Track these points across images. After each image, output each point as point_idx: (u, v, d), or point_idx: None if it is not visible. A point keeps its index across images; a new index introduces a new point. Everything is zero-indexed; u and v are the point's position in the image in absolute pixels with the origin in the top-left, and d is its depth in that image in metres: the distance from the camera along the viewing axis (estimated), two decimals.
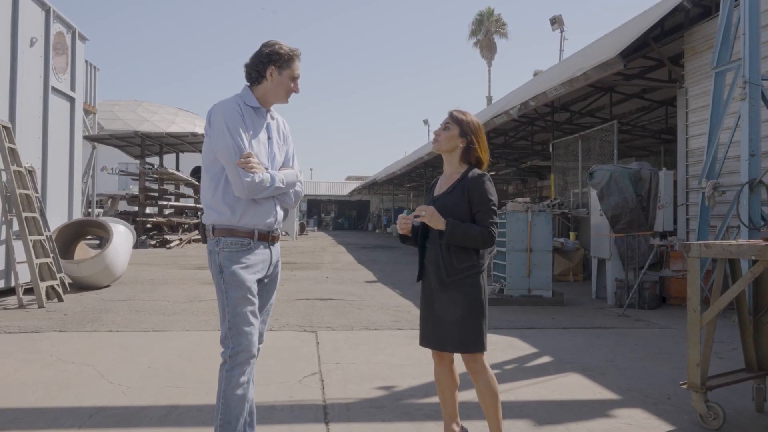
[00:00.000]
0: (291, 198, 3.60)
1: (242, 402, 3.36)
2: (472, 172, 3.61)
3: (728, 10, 9.38)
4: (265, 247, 3.51)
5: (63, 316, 8.60)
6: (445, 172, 3.78)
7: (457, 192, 3.58)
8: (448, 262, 3.52)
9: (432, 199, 3.72)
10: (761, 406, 4.67)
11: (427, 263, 3.67)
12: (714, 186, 9.46)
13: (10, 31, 10.37)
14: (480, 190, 3.53)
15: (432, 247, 3.63)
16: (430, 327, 3.61)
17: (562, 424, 4.37)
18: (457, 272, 3.52)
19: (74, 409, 4.55)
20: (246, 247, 3.43)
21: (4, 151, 9.65)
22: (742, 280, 4.28)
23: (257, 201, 3.44)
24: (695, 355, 4.30)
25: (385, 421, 4.40)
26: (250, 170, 3.32)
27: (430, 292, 3.63)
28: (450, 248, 3.53)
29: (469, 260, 3.54)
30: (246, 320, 3.38)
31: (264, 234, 3.49)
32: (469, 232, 3.46)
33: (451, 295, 3.51)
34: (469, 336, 3.49)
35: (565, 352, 6.75)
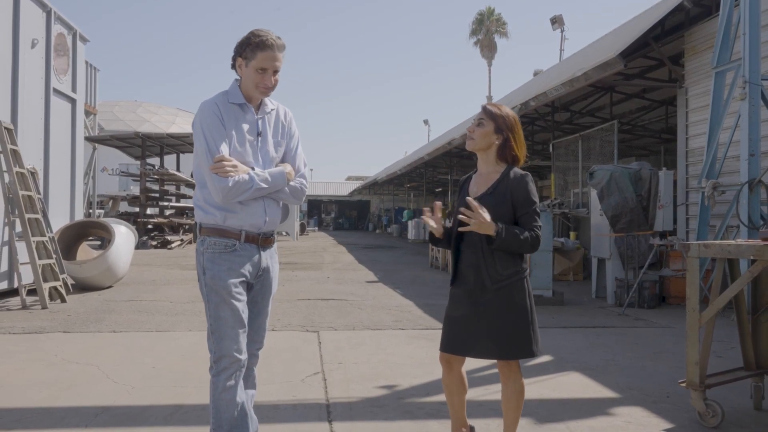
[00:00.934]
0: (288, 195, 3.43)
1: (231, 406, 3.30)
2: (514, 172, 3.46)
3: (728, 10, 9.42)
4: (253, 249, 3.37)
5: (66, 316, 8.64)
6: (480, 170, 3.60)
7: (499, 193, 3.42)
8: (492, 268, 3.37)
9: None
10: (759, 404, 4.71)
11: (464, 267, 3.48)
12: (714, 186, 9.50)
13: (11, 33, 10.42)
14: (524, 192, 3.40)
15: (471, 250, 3.45)
16: (465, 334, 3.43)
17: (563, 422, 4.41)
18: (502, 279, 3.37)
19: (80, 409, 4.59)
20: (230, 249, 3.31)
21: (6, 153, 9.70)
22: (741, 280, 4.33)
23: (244, 201, 3.30)
24: (694, 354, 4.34)
25: (388, 420, 4.44)
26: (224, 175, 3.17)
27: (468, 297, 3.44)
28: (494, 253, 3.37)
29: (514, 266, 3.41)
30: (227, 324, 3.28)
31: (252, 236, 3.35)
32: (518, 237, 3.31)
33: (495, 301, 3.37)
34: (516, 342, 3.36)
35: (565, 351, 6.80)
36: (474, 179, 3.62)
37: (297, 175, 3.49)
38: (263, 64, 3.25)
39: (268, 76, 3.28)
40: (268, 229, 3.42)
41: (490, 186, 3.48)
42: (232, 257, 3.30)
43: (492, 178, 3.50)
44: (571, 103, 18.59)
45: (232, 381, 3.30)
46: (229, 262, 3.29)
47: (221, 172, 3.16)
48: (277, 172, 3.36)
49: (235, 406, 3.32)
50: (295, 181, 3.46)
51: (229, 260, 3.29)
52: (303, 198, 3.56)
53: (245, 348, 3.35)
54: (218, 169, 3.16)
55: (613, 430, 4.30)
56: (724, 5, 9.45)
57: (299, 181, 3.49)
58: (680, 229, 12.26)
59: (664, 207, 10.50)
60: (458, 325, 3.47)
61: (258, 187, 3.26)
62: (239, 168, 3.23)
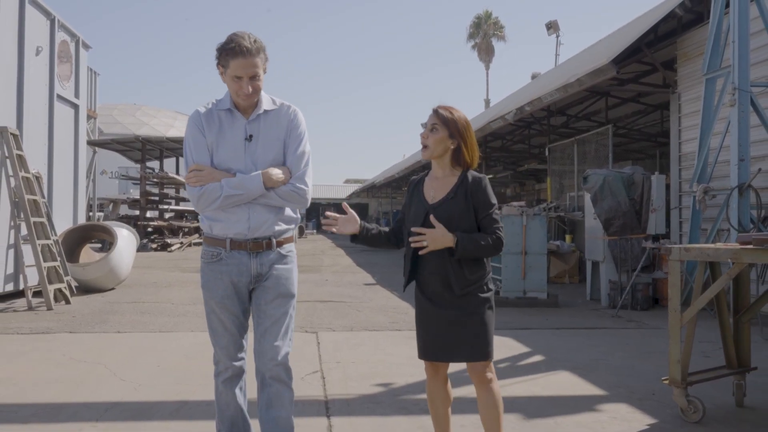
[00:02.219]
0: (278, 199, 3.32)
1: (229, 407, 3.41)
2: (472, 176, 3.44)
3: (718, 18, 9.64)
4: (243, 256, 3.33)
5: (71, 317, 8.85)
6: (434, 174, 3.54)
7: (460, 198, 3.39)
8: (459, 275, 3.34)
9: (427, 206, 3.43)
10: (741, 401, 4.92)
11: (427, 274, 3.43)
12: (705, 190, 9.71)
13: (17, 41, 10.64)
14: (483, 195, 3.39)
15: (433, 256, 3.37)
16: (436, 339, 3.40)
17: (551, 418, 4.63)
18: (470, 284, 3.36)
19: (91, 404, 4.80)
20: (216, 258, 3.34)
21: (12, 158, 9.91)
22: (719, 282, 4.54)
23: (226, 210, 3.29)
24: (676, 352, 4.56)
25: (384, 416, 4.65)
26: (194, 184, 3.24)
27: (433, 303, 3.40)
28: (462, 261, 3.34)
29: (480, 269, 3.40)
30: (216, 333, 3.38)
31: (239, 243, 3.32)
32: (479, 242, 3.30)
33: (463, 305, 3.34)
34: (483, 344, 3.35)
35: (557, 351, 7.01)
36: (428, 183, 3.55)
37: (293, 178, 3.36)
38: (237, 72, 3.21)
39: (244, 84, 3.23)
40: (256, 235, 3.33)
41: (449, 191, 3.43)
42: (219, 266, 3.33)
43: (449, 182, 3.47)
44: (567, 107, 18.79)
45: (227, 384, 3.40)
46: (215, 271, 3.34)
47: (191, 182, 3.25)
48: (252, 177, 3.27)
49: (233, 408, 3.43)
50: (287, 185, 3.33)
51: (216, 269, 3.34)
52: (302, 201, 3.40)
53: (241, 354, 3.42)
54: (189, 179, 3.26)
55: (599, 425, 4.51)
56: (714, 13, 9.68)
57: (292, 184, 3.35)
58: (674, 232, 12.47)
59: (657, 211, 10.70)
60: (425, 331, 3.46)
61: (228, 194, 3.23)
62: (213, 176, 3.26)
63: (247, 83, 3.23)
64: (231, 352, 3.38)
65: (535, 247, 10.73)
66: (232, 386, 3.42)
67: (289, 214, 3.45)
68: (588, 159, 16.71)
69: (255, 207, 3.31)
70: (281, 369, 3.34)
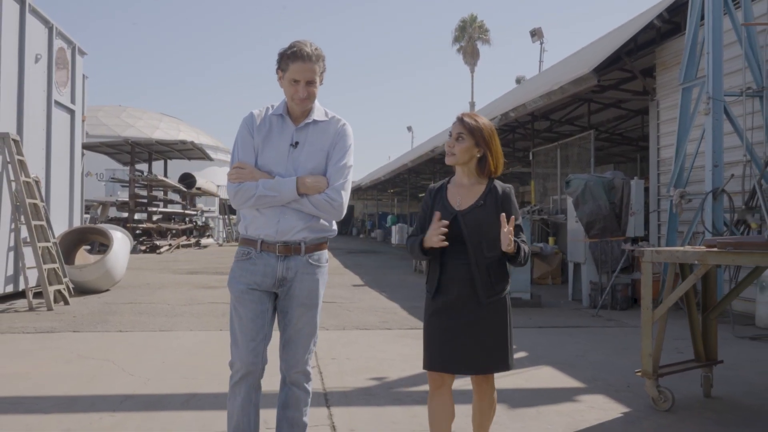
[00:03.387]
0: (311, 207, 3.38)
1: (235, 413, 3.40)
2: (500, 186, 3.47)
3: (694, 29, 10.11)
4: (270, 258, 3.40)
5: (72, 318, 9.15)
6: (460, 181, 3.53)
7: (490, 206, 3.39)
8: (487, 283, 3.34)
9: (455, 212, 3.40)
10: (708, 391, 5.34)
11: (449, 281, 3.39)
12: (681, 194, 10.17)
13: (17, 50, 10.92)
14: (513, 205, 3.44)
15: (458, 263, 3.37)
16: (453, 349, 3.36)
17: (534, 407, 5.03)
18: (495, 293, 3.36)
19: (106, 397, 5.15)
20: (246, 257, 3.43)
21: (14, 163, 10.21)
22: (687, 281, 4.96)
23: (261, 211, 3.38)
24: (648, 347, 4.98)
25: (379, 406, 5.04)
26: (234, 180, 3.36)
27: (452, 311, 3.38)
28: (489, 268, 3.35)
29: (505, 280, 3.43)
30: (235, 329, 3.41)
31: (269, 244, 3.39)
32: (525, 250, 3.36)
33: (486, 315, 3.34)
34: (504, 355, 3.38)
35: (540, 348, 7.40)
36: (452, 190, 3.53)
37: (330, 188, 3.42)
38: (295, 76, 3.31)
39: (300, 87, 3.33)
40: (285, 239, 3.39)
41: (478, 198, 3.43)
42: (247, 264, 3.42)
43: (476, 190, 3.46)
44: (551, 112, 19.23)
45: (235, 389, 3.39)
46: (242, 269, 3.42)
47: (232, 177, 3.37)
48: (285, 181, 3.36)
49: (236, 417, 3.40)
50: (321, 195, 3.40)
51: (244, 267, 3.42)
52: (335, 213, 3.47)
53: (256, 357, 3.37)
54: (231, 175, 3.39)
55: (578, 413, 4.91)
56: (690, 26, 10.14)
57: (326, 194, 3.40)
58: (652, 234, 12.94)
59: (636, 214, 11.12)
60: (446, 340, 3.39)
61: (262, 194, 3.31)
62: (252, 175, 3.36)
63: (304, 88, 3.34)
64: (243, 352, 3.36)
65: None
66: (240, 391, 3.38)
67: (322, 224, 3.50)
68: (571, 163, 17.17)
69: (287, 211, 3.37)
70: (301, 375, 3.50)
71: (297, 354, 3.48)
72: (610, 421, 4.72)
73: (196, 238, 31.74)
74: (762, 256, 4.17)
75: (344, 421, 4.64)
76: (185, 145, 28.60)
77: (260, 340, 3.38)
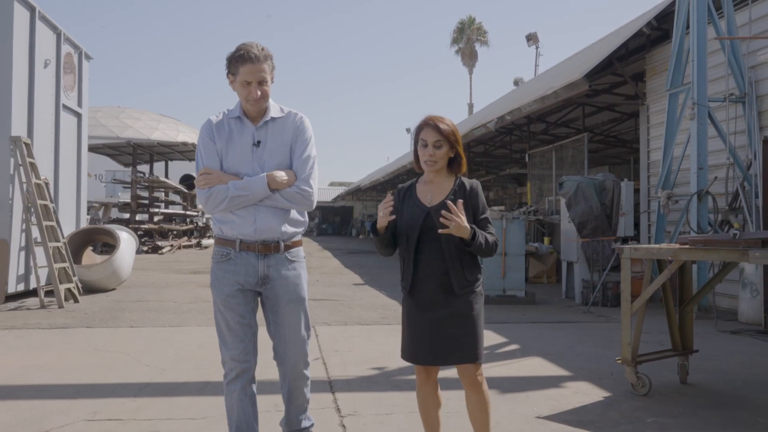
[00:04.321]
0: (284, 201, 3.48)
1: (232, 412, 3.51)
2: (468, 181, 3.58)
3: (680, 38, 10.52)
4: (251, 257, 3.48)
5: (84, 314, 9.54)
6: (427, 179, 3.61)
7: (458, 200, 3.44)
8: (460, 274, 3.42)
9: (426, 209, 3.48)
10: (684, 378, 5.74)
11: (424, 276, 3.45)
12: (668, 195, 10.59)
13: (28, 55, 11.32)
14: (481, 199, 3.53)
15: (434, 258, 3.43)
16: (429, 342, 3.43)
17: (523, 392, 5.42)
18: (468, 284, 3.44)
19: (126, 384, 5.54)
20: (226, 258, 3.50)
21: (26, 166, 10.61)
22: (662, 276, 5.37)
23: (235, 212, 3.46)
24: (627, 336, 5.38)
25: (380, 391, 5.43)
26: (203, 186, 3.43)
27: (425, 306, 3.45)
28: (462, 260, 3.43)
29: (477, 271, 3.51)
30: (221, 332, 3.50)
31: (248, 244, 3.47)
32: (488, 239, 3.42)
33: (458, 307, 3.41)
34: (473, 346, 3.43)
35: (532, 341, 7.81)
36: (421, 188, 3.61)
37: (298, 180, 3.53)
38: (246, 78, 3.39)
39: (253, 89, 3.41)
40: (263, 237, 3.48)
41: (448, 194, 3.51)
42: (228, 266, 3.49)
43: (446, 186, 3.55)
44: (546, 115, 19.62)
45: (231, 386, 3.49)
46: (223, 270, 3.49)
47: (200, 184, 3.45)
48: (256, 179, 3.44)
49: (236, 413, 3.49)
50: (292, 187, 3.49)
51: (224, 269, 3.49)
52: (306, 203, 3.57)
53: (247, 355, 3.50)
54: (199, 181, 3.47)
55: (563, 397, 5.32)
56: (676, 34, 10.56)
57: (296, 186, 3.51)
58: (643, 234, 13.35)
59: (626, 215, 11.53)
60: (423, 334, 3.46)
61: (234, 195, 3.39)
62: (220, 179, 3.44)
63: (256, 88, 3.43)
64: (235, 353, 3.47)
65: (514, 249, 11.53)
66: (236, 388, 3.48)
67: (296, 218, 3.61)
68: (566, 164, 17.57)
69: (261, 209, 3.46)
70: (303, 368, 3.62)
71: (299, 351, 3.59)
72: (592, 404, 5.13)
73: (197, 239, 32.12)
74: (727, 252, 4.56)
75: (348, 404, 5.04)
76: (186, 147, 29.04)
77: (249, 339, 3.51)
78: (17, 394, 5.20)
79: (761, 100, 9.93)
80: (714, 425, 4.61)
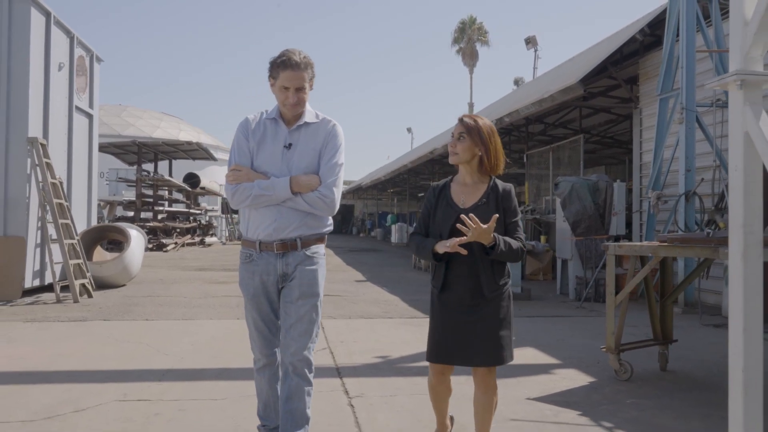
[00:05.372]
0: (305, 205, 3.57)
1: (262, 392, 3.82)
2: (501, 184, 3.62)
3: (670, 45, 10.98)
4: (270, 257, 3.62)
5: (99, 309, 10.00)
6: (463, 180, 3.68)
7: (492, 204, 3.54)
8: (490, 277, 3.50)
9: (459, 210, 3.55)
10: (664, 366, 6.22)
11: (453, 276, 3.55)
12: (657, 196, 11.05)
13: (43, 59, 11.77)
14: (513, 203, 3.58)
15: (465, 260, 3.49)
16: (457, 343, 3.53)
17: (515, 378, 5.89)
18: (498, 288, 3.52)
19: (149, 371, 6.01)
20: (249, 259, 3.67)
21: (42, 166, 11.07)
22: (642, 271, 5.85)
23: (257, 211, 3.60)
24: (611, 326, 5.85)
25: (385, 377, 5.90)
26: (232, 182, 3.56)
27: (459, 306, 3.54)
28: (492, 264, 3.50)
29: (506, 276, 3.59)
30: (249, 327, 3.75)
31: (267, 244, 3.61)
32: (512, 246, 3.46)
33: (490, 309, 3.50)
34: (505, 348, 3.55)
35: (526, 333, 8.27)
36: (455, 189, 3.68)
37: (322, 186, 3.60)
38: (285, 83, 3.52)
39: (291, 94, 3.53)
40: (281, 236, 3.60)
41: (481, 196, 3.58)
42: (251, 266, 3.66)
43: (479, 189, 3.61)
44: (544, 116, 20.06)
45: (260, 373, 3.80)
46: (248, 271, 3.68)
47: (229, 179, 3.59)
48: (280, 180, 3.54)
49: (265, 393, 3.81)
50: (314, 192, 3.57)
51: (249, 269, 3.68)
52: (327, 209, 3.63)
53: (272, 350, 3.74)
54: (228, 176, 3.62)
55: (551, 382, 5.79)
56: (666, 42, 11.02)
57: (319, 191, 3.58)
58: (635, 233, 13.82)
59: (618, 214, 11.98)
60: (449, 334, 3.55)
61: (258, 194, 3.51)
62: (249, 176, 3.57)
63: (294, 94, 3.54)
64: (262, 347, 3.73)
65: None
66: (265, 375, 3.78)
67: (317, 221, 3.69)
68: (562, 165, 18.02)
69: (283, 210, 3.57)
70: (303, 363, 3.59)
71: (299, 341, 3.59)
72: (578, 388, 5.60)
73: (200, 237, 32.57)
74: (701, 249, 5.02)
75: (355, 388, 5.50)
76: (190, 146, 29.52)
77: (274, 335, 3.72)
78: (52, 379, 5.67)
79: None
80: (687, 406, 5.08)
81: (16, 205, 11.01)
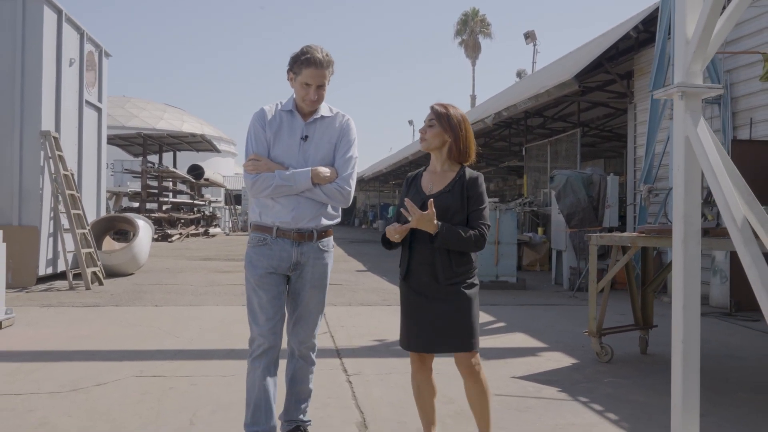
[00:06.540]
0: (323, 196, 3.65)
1: (253, 389, 3.65)
2: (469, 173, 3.61)
3: (662, 42, 11.33)
4: (286, 244, 3.65)
5: (110, 295, 10.43)
6: (434, 168, 3.69)
7: (456, 192, 3.53)
8: (446, 266, 3.47)
9: (424, 197, 3.53)
10: (644, 350, 6.63)
11: (416, 264, 3.54)
12: (649, 189, 11.44)
13: (55, 55, 12.18)
14: (478, 191, 3.54)
15: (423, 247, 3.50)
16: (423, 330, 3.51)
17: (503, 359, 6.31)
18: (455, 275, 3.48)
19: (162, 351, 6.44)
20: (262, 243, 3.67)
21: (55, 158, 11.50)
22: (622, 260, 6.25)
23: (276, 199, 3.62)
24: (593, 311, 6.26)
25: (381, 357, 6.33)
26: (251, 171, 3.59)
27: (419, 294, 3.53)
28: (449, 252, 3.46)
29: (467, 263, 3.53)
30: (253, 310, 3.67)
31: (285, 231, 3.64)
32: (460, 235, 3.40)
33: (449, 297, 3.46)
34: (468, 335, 3.46)
35: (517, 320, 8.69)
36: (426, 177, 3.70)
37: (340, 178, 3.69)
38: (307, 80, 3.56)
39: (312, 91, 3.59)
40: (299, 226, 3.65)
41: (447, 184, 3.58)
42: (263, 250, 3.66)
43: (447, 177, 3.61)
44: (543, 110, 20.41)
45: (255, 363, 3.65)
46: (259, 254, 3.67)
47: (249, 169, 3.62)
48: (301, 172, 3.60)
49: (257, 390, 3.63)
50: (333, 184, 3.66)
51: (260, 253, 3.67)
52: (343, 200, 3.72)
53: (275, 335, 3.65)
54: (247, 166, 3.64)
55: (537, 363, 6.21)
56: (658, 39, 11.38)
57: (337, 183, 3.67)
58: (628, 225, 14.18)
59: (611, 207, 12.37)
60: (413, 321, 3.56)
61: (279, 184, 3.56)
62: (268, 166, 3.61)
63: (314, 91, 3.61)
64: (264, 330, 3.62)
65: (506, 238, 12.42)
66: (260, 365, 3.64)
67: (331, 212, 3.79)
68: (560, 158, 18.40)
69: (301, 200, 3.63)
70: (309, 349, 3.83)
71: (308, 330, 3.80)
72: (561, 368, 6.03)
73: (204, 228, 32.99)
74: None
75: (353, 366, 5.92)
76: (195, 138, 29.93)
77: (278, 320, 3.68)
78: (72, 357, 6.10)
79: (735, 102, 10.76)
80: (660, 384, 5.48)
81: (30, 196, 11.43)
